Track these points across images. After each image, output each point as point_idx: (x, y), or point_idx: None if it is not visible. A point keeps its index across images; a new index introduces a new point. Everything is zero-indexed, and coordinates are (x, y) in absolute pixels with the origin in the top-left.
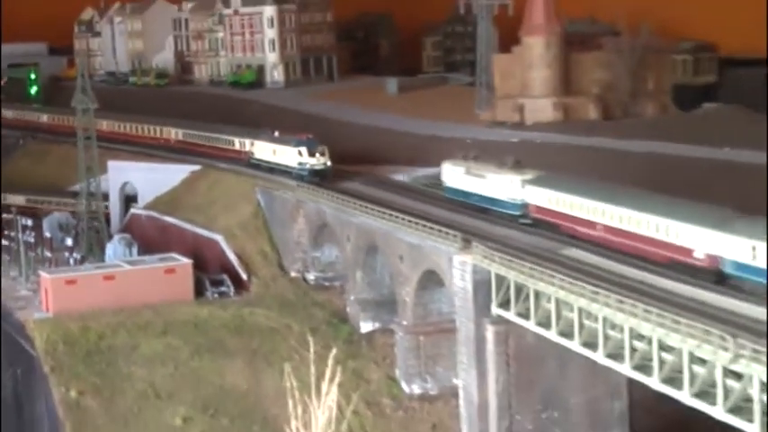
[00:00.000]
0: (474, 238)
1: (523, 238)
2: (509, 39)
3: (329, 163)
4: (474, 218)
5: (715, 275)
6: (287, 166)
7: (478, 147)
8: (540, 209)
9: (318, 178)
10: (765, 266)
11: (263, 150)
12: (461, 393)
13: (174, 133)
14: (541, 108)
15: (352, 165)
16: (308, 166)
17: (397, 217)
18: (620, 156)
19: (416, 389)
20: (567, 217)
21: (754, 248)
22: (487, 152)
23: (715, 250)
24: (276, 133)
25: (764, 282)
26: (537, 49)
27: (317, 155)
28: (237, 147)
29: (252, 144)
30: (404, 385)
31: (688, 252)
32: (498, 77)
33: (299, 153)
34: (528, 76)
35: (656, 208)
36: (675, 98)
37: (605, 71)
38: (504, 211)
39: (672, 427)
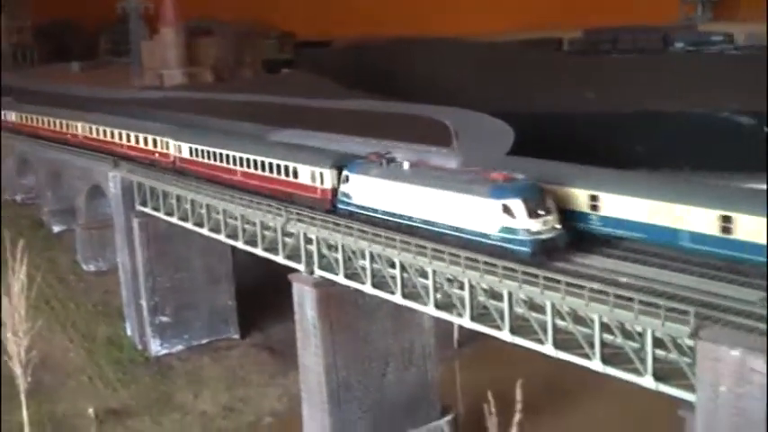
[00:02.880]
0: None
1: None
2: (153, 30)
3: (558, 224)
4: None
5: None
6: (463, 230)
7: (134, 103)
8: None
9: (545, 256)
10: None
11: (382, 192)
12: (120, 267)
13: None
14: (174, 75)
15: None
16: (528, 238)
17: (72, 151)
18: (227, 104)
19: (92, 267)
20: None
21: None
22: (141, 106)
23: None
24: (407, 164)
25: None
26: (169, 36)
27: (542, 213)
28: (309, 181)
29: (346, 179)
30: (83, 266)
31: None
32: (146, 56)
33: (506, 210)
34: (165, 55)
35: None
36: (266, 67)
37: (217, 50)
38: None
39: (263, 279)
